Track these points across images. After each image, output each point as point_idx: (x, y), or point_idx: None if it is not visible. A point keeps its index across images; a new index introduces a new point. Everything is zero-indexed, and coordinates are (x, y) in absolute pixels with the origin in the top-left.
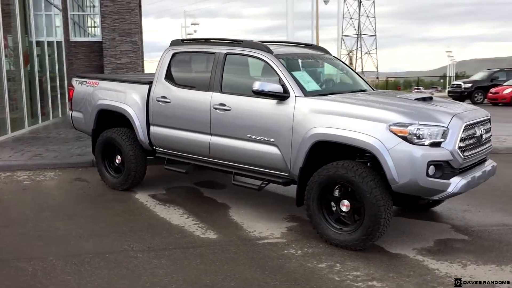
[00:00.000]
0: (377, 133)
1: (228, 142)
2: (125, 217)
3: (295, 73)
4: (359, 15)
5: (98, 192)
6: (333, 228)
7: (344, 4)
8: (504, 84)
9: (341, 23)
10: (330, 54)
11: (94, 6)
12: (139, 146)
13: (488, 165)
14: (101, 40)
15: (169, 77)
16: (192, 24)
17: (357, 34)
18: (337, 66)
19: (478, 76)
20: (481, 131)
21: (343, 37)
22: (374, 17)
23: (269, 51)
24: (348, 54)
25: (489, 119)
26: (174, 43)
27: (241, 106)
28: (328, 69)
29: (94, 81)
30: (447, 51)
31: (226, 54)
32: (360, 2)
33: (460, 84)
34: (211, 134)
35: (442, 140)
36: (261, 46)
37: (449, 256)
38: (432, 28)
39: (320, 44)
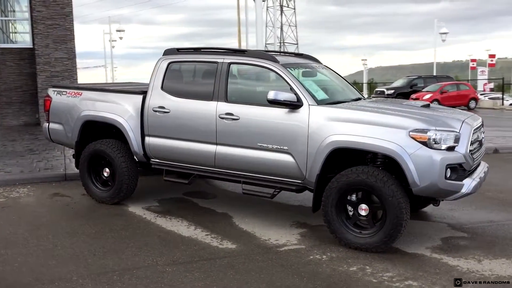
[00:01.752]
0: (398, 139)
1: (236, 151)
2: (130, 231)
3: (303, 82)
4: (281, 24)
5: (87, 207)
6: (353, 232)
7: (266, 13)
8: (423, 90)
9: (264, 31)
10: (321, 63)
11: (14, 11)
12: (131, 158)
13: (484, 166)
14: (31, 46)
15: (166, 86)
16: (117, 31)
17: (280, 42)
18: (331, 75)
19: (398, 83)
20: (482, 135)
21: (266, 45)
22: (295, 26)
23: (275, 60)
24: None
25: (483, 124)
26: (168, 52)
27: (250, 115)
28: (323, 78)
29: (75, 91)
30: (362, 59)
31: (230, 63)
32: (281, 11)
33: (383, 91)
34: (216, 144)
35: (455, 144)
36: (267, 55)
37: (461, 253)
38: (343, 37)
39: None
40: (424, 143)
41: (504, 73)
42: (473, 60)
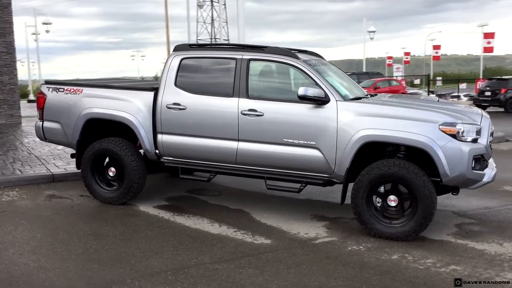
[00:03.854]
0: (429, 132)
1: (260, 147)
2: (156, 231)
3: (327, 78)
4: (212, 19)
5: (93, 208)
6: (383, 223)
7: (197, 9)
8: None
9: (196, 27)
10: (325, 60)
11: None
12: (140, 156)
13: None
14: None
15: (180, 83)
16: (43, 24)
17: (211, 38)
18: (339, 72)
19: None
20: (492, 128)
21: (198, 40)
22: (226, 22)
23: (296, 57)
24: None
25: None
26: (180, 48)
27: (275, 111)
28: (335, 75)
29: (75, 87)
30: None
31: (250, 59)
32: (212, 7)
33: None
34: (238, 140)
35: (478, 136)
36: (288, 52)
37: (481, 238)
38: (263, 34)
39: (172, 47)
40: (453, 136)
41: (414, 70)
42: (389, 58)
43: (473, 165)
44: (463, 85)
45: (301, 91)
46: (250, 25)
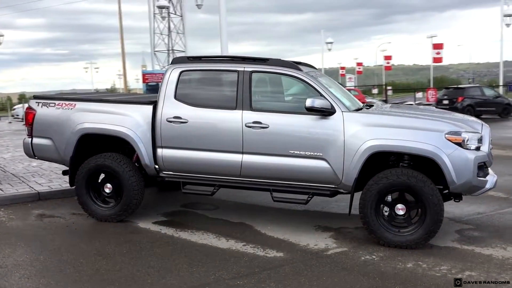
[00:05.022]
0: (436, 141)
1: (265, 159)
2: (163, 248)
3: (330, 90)
4: (170, 31)
5: (90, 226)
6: (392, 232)
7: (153, 20)
8: None
9: (152, 39)
10: (321, 71)
11: None
12: (138, 172)
13: None
14: None
15: (180, 96)
16: None
17: (168, 50)
18: (334, 83)
19: (294, 90)
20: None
21: (155, 52)
22: (184, 34)
23: (299, 68)
24: (163, 67)
25: None
26: (178, 60)
27: (280, 123)
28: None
29: (67, 102)
30: None
31: (252, 72)
32: (169, 18)
33: None
34: (242, 153)
35: (480, 144)
36: (291, 64)
37: (483, 243)
38: (217, 45)
39: (128, 58)
40: (459, 144)
41: (365, 80)
42: (342, 68)
43: (477, 173)
44: (419, 94)
45: (309, 102)
46: (203, 36)
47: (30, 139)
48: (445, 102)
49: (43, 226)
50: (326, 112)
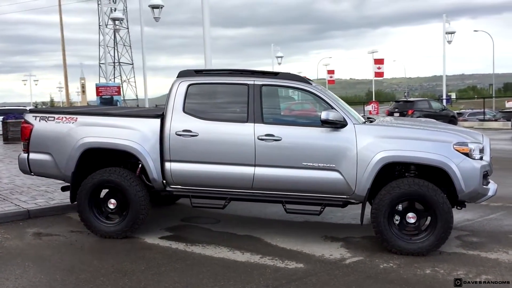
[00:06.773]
0: (445, 151)
1: (278, 171)
2: (182, 263)
3: (339, 102)
4: (115, 43)
5: (96, 243)
6: (404, 240)
7: (99, 32)
8: None
9: (98, 51)
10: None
11: None
12: (144, 186)
13: None
14: None
15: (189, 109)
16: None
17: (114, 62)
18: (337, 96)
19: None
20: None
21: (100, 64)
22: (130, 46)
23: (309, 82)
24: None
25: None
26: (184, 74)
27: (293, 135)
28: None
29: (68, 116)
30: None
31: (262, 85)
32: (115, 31)
33: None
34: (255, 165)
35: (482, 154)
36: (300, 77)
37: (486, 248)
38: (157, 58)
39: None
40: (466, 154)
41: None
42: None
43: (482, 181)
44: (368, 107)
45: (324, 115)
46: (144, 49)
47: (27, 154)
48: (396, 114)
49: (45, 245)
50: (339, 125)
